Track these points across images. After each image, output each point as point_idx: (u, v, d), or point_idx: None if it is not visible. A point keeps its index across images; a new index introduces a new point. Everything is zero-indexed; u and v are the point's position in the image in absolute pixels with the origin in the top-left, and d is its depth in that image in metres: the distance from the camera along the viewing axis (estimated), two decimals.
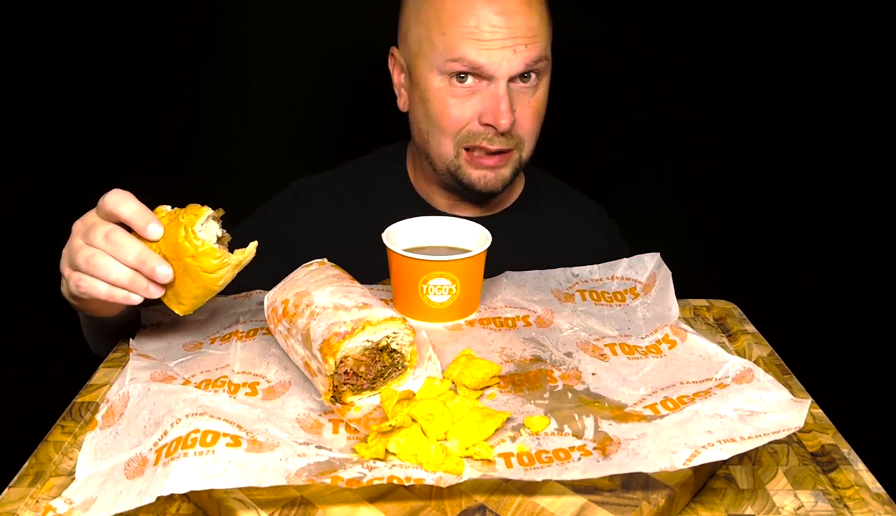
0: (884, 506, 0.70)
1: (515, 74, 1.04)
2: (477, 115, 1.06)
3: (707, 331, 1.01)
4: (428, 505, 0.63)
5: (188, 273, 0.76)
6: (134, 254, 0.75)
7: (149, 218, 0.76)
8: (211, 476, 0.60)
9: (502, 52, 1.02)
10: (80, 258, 0.76)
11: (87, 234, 0.77)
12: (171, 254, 0.76)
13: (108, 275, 0.75)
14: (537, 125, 1.10)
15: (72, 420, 0.80)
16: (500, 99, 1.03)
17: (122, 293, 0.76)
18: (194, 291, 0.78)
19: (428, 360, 0.80)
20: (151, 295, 0.77)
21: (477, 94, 1.05)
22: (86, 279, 0.76)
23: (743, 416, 0.69)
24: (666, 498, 0.64)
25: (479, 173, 1.09)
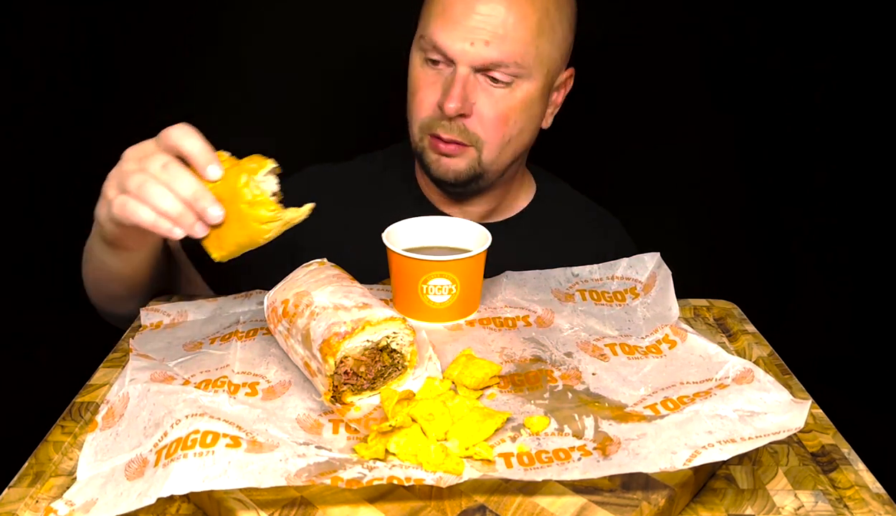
0: (884, 506, 0.70)
1: (474, 66, 1.01)
2: (436, 100, 1.04)
3: (707, 331, 1.01)
4: (428, 505, 0.63)
5: (239, 219, 0.75)
6: (189, 190, 0.73)
7: (211, 157, 0.74)
8: (211, 477, 0.60)
9: (463, 41, 1.00)
10: (131, 181, 0.74)
11: (143, 160, 0.75)
12: (226, 197, 0.75)
13: (158, 203, 0.73)
14: (502, 129, 1.05)
15: (72, 420, 0.80)
16: (453, 83, 1.01)
17: (167, 225, 0.74)
18: (239, 239, 0.76)
19: (428, 360, 0.80)
20: (195, 233, 0.75)
21: (440, 79, 1.04)
22: (132, 203, 0.74)
23: (743, 417, 0.69)
24: (666, 498, 0.64)
25: (434, 157, 1.08)
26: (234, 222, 0.75)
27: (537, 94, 1.07)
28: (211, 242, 0.77)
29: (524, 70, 1.03)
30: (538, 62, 1.04)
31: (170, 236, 0.75)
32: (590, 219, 1.25)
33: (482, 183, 1.11)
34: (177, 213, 0.73)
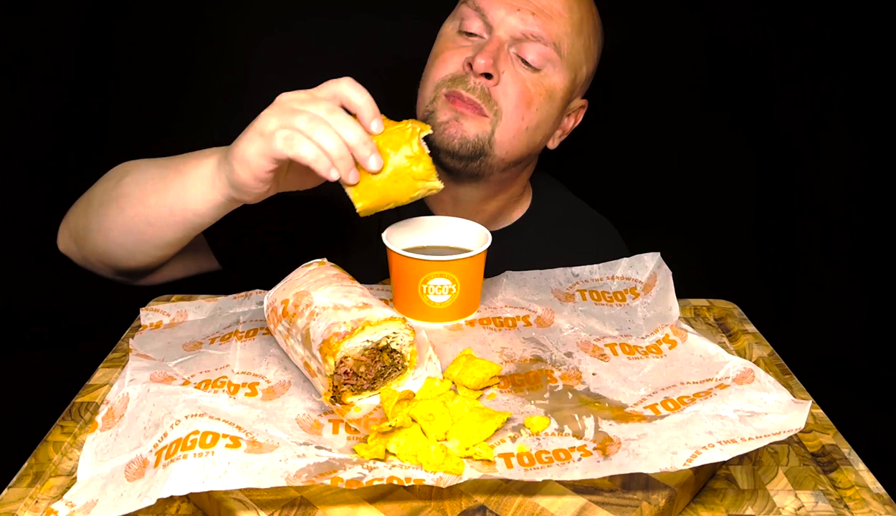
0: (884, 506, 0.70)
1: (513, 36, 1.01)
2: (462, 61, 1.02)
3: (707, 331, 1.01)
4: (428, 505, 0.63)
5: (396, 171, 0.80)
6: (355, 135, 0.77)
7: (377, 111, 0.79)
8: (211, 477, 0.60)
9: (507, 8, 1.00)
10: (299, 118, 0.77)
11: (307, 103, 0.78)
12: (388, 149, 0.80)
13: (323, 142, 0.77)
14: (523, 110, 1.02)
15: (71, 420, 0.80)
16: (493, 46, 1.00)
17: (327, 164, 0.77)
18: (388, 192, 0.81)
19: (428, 360, 0.80)
20: (349, 179, 0.79)
21: (473, 47, 1.03)
22: (299, 138, 0.76)
23: (743, 417, 0.69)
24: (666, 498, 0.64)
25: (446, 117, 1.01)
26: (389, 174, 0.80)
27: (560, 92, 1.05)
28: (358, 191, 0.81)
29: (557, 57, 1.03)
30: (570, 58, 1.04)
31: (326, 176, 0.78)
32: (585, 231, 1.22)
33: (483, 165, 1.04)
34: (339, 155, 0.77)
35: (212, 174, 0.87)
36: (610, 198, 1.36)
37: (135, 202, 0.94)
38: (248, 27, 1.61)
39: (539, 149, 1.11)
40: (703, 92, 1.68)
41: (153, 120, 1.63)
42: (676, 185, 1.71)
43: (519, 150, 1.06)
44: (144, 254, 0.98)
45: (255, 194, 0.84)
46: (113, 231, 0.97)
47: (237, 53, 1.61)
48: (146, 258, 0.99)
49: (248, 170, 0.81)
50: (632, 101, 1.68)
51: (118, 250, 0.98)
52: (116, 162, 1.06)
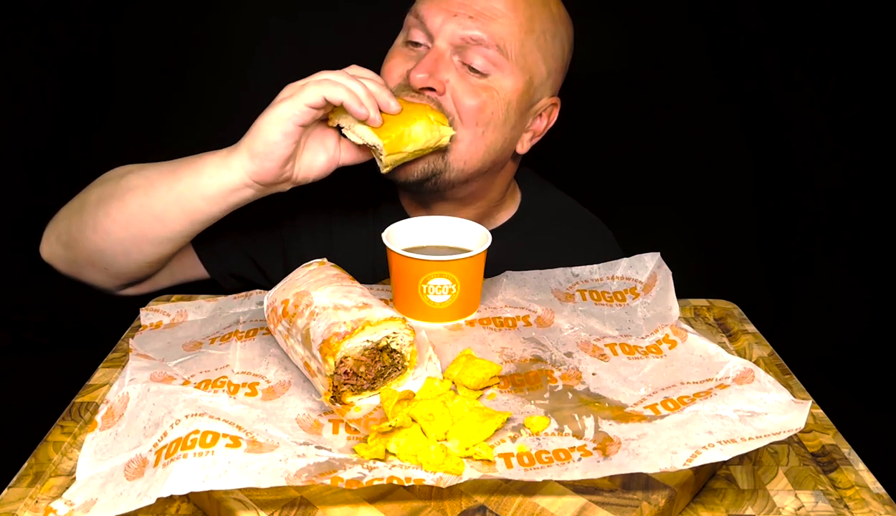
0: (884, 506, 0.70)
1: (452, 43, 0.97)
2: (404, 75, 1.00)
3: (707, 331, 1.01)
4: (428, 505, 0.63)
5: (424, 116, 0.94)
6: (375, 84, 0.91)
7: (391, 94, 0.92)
8: (211, 477, 0.60)
9: (444, 13, 0.97)
10: (326, 73, 0.89)
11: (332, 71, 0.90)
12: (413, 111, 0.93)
13: (350, 85, 0.88)
14: (476, 115, 0.97)
15: (71, 420, 0.80)
16: (432, 56, 0.97)
17: (356, 103, 0.87)
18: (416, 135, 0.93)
19: (428, 360, 0.80)
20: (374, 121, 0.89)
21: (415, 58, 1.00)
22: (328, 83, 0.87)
23: (743, 417, 0.69)
24: (666, 498, 0.64)
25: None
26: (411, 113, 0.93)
27: (515, 97, 1.00)
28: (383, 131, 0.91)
29: (504, 61, 0.97)
30: (521, 60, 0.99)
31: (357, 112, 0.88)
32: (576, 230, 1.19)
33: (440, 182, 1.01)
34: (365, 95, 0.88)
35: (226, 157, 0.92)
36: (610, 198, 1.36)
37: (141, 194, 0.95)
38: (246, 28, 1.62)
39: (505, 154, 1.05)
40: (704, 92, 1.68)
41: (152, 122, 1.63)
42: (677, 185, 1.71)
43: (478, 160, 1.01)
44: (142, 253, 0.98)
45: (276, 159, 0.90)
46: (113, 228, 0.96)
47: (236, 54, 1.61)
48: (142, 258, 0.99)
49: (277, 127, 0.88)
50: (632, 102, 1.68)
51: (116, 248, 0.98)
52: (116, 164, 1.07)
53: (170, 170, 0.96)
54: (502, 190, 1.13)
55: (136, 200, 0.95)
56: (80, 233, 0.99)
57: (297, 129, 0.89)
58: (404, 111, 0.92)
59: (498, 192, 1.13)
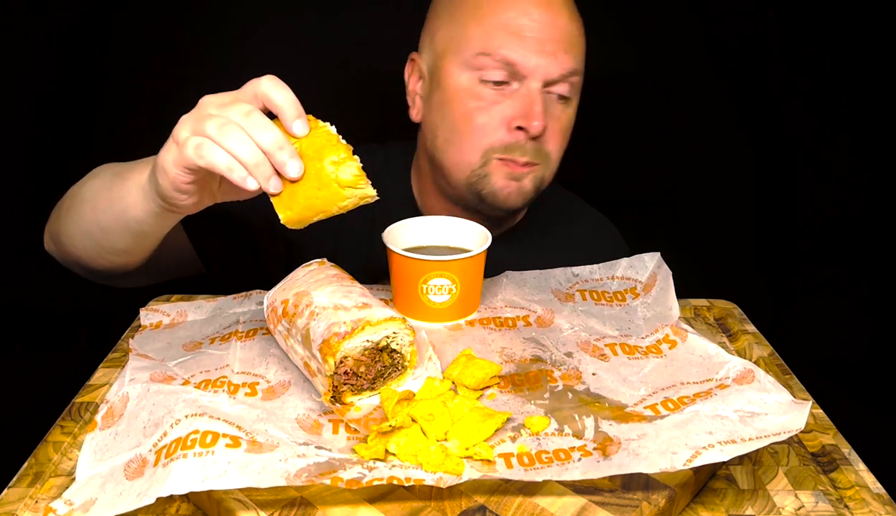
0: (884, 507, 0.70)
1: (551, 80, 0.98)
2: (506, 122, 0.99)
3: (707, 331, 1.01)
4: (428, 505, 0.63)
5: (319, 178, 0.71)
6: (272, 139, 0.69)
7: (301, 111, 0.71)
8: (210, 477, 0.60)
9: (540, 55, 0.96)
10: (211, 124, 0.70)
11: (225, 107, 0.71)
12: (309, 155, 0.71)
13: (236, 148, 0.69)
14: (563, 145, 1.04)
15: (71, 420, 0.80)
16: (535, 100, 0.97)
17: (242, 173, 0.70)
18: (313, 201, 0.72)
19: (428, 360, 0.80)
20: (270, 187, 0.71)
21: (507, 99, 0.99)
22: (209, 145, 0.69)
23: (744, 417, 0.69)
24: (666, 498, 0.64)
25: (502, 183, 1.02)
26: (313, 182, 0.71)
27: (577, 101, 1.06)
28: (282, 201, 0.73)
29: (580, 77, 1.03)
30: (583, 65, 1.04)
31: (243, 186, 0.71)
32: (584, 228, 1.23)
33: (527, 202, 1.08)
34: (255, 162, 0.70)
35: (146, 182, 0.81)
36: (610, 198, 1.36)
37: (89, 208, 0.92)
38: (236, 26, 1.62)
39: None
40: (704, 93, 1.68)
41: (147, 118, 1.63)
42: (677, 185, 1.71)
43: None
44: (104, 259, 0.96)
45: (183, 206, 0.79)
46: (76, 236, 0.95)
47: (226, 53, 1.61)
48: (107, 264, 0.97)
49: (167, 180, 0.75)
50: (632, 102, 1.68)
51: (82, 254, 0.97)
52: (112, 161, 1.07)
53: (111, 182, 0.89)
54: None
55: (87, 213, 0.92)
56: (58, 235, 1.00)
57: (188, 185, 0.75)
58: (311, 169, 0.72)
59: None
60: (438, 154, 1.06)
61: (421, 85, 1.09)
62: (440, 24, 1.05)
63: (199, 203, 0.80)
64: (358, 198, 0.74)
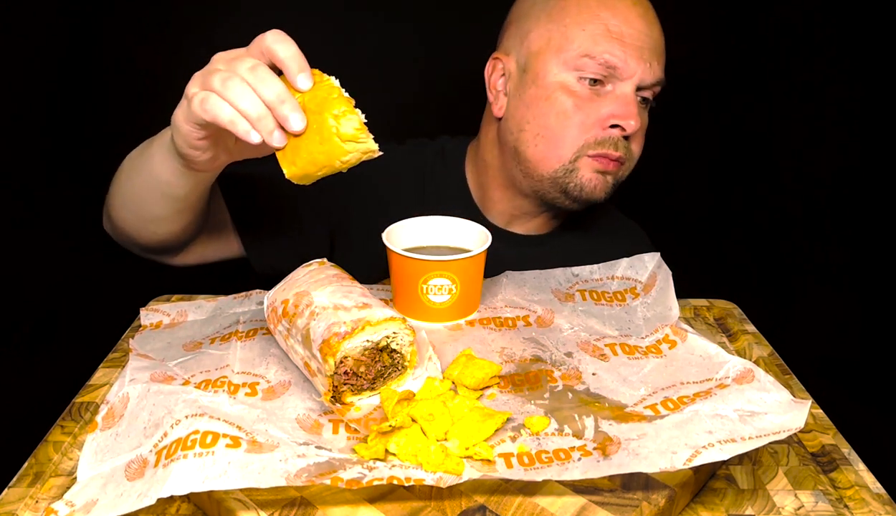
0: (884, 506, 0.70)
1: (643, 85, 1.04)
2: (601, 120, 1.04)
3: (707, 331, 1.01)
4: (428, 505, 0.63)
5: (321, 132, 0.71)
6: (274, 92, 0.70)
7: (304, 65, 0.72)
8: (211, 477, 0.60)
9: (638, 61, 1.03)
10: (216, 78, 0.71)
11: (232, 61, 0.72)
12: (313, 109, 0.71)
13: (239, 101, 0.70)
14: (642, 144, 1.10)
15: (71, 420, 0.80)
16: (631, 101, 1.03)
17: (245, 126, 0.71)
18: (316, 155, 0.72)
19: (428, 360, 0.80)
20: (273, 141, 0.72)
21: (602, 98, 1.04)
22: (213, 99, 0.71)
23: (743, 417, 0.69)
24: (666, 498, 0.64)
25: (590, 176, 1.06)
26: (314, 135, 0.71)
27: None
28: (286, 156, 0.73)
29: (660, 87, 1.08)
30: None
31: (247, 139, 0.71)
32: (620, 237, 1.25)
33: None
34: (257, 115, 0.70)
35: (169, 143, 0.83)
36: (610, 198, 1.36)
37: (125, 178, 0.94)
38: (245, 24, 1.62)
39: None
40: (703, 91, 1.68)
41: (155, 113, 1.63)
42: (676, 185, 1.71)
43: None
44: (147, 231, 0.96)
45: (200, 162, 0.80)
46: (119, 208, 0.97)
47: None
48: (151, 236, 0.97)
49: (180, 136, 0.77)
50: None
51: (128, 227, 0.98)
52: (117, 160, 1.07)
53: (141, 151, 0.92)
54: None
55: (124, 185, 0.94)
56: (109, 212, 1.01)
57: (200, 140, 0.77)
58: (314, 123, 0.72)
59: None
60: (524, 147, 1.08)
61: (504, 81, 1.12)
62: (533, 24, 1.08)
63: (214, 159, 0.81)
64: (360, 153, 0.73)
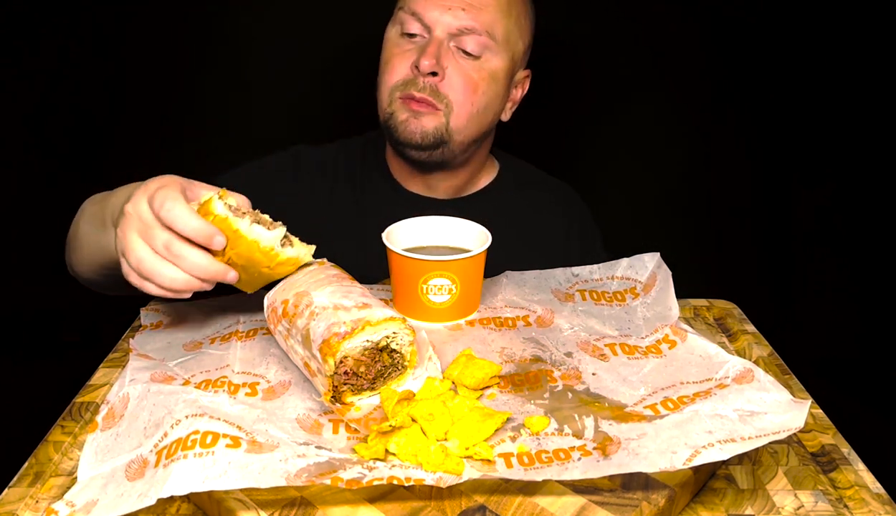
0: (884, 506, 0.70)
1: (449, 32, 1.08)
2: (409, 65, 1.10)
3: (707, 331, 1.01)
4: (428, 505, 0.63)
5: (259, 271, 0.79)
6: (200, 270, 0.73)
7: (211, 231, 0.73)
8: (211, 477, 0.60)
9: (440, 8, 1.08)
10: (133, 259, 0.73)
11: (146, 233, 0.74)
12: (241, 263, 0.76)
13: (163, 282, 0.73)
14: (471, 96, 1.11)
15: (72, 420, 0.80)
16: (429, 44, 1.09)
17: (178, 294, 0.75)
18: (256, 280, 0.81)
19: (428, 360, 0.80)
20: (206, 288, 0.76)
21: (416, 47, 1.11)
22: (139, 281, 0.75)
23: (743, 417, 0.69)
24: (666, 498, 0.64)
25: (404, 117, 1.10)
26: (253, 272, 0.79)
27: (502, 72, 1.14)
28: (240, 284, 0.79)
29: (493, 43, 1.11)
30: (505, 41, 1.12)
31: (179, 296, 0.76)
32: (551, 193, 1.30)
33: (446, 152, 1.14)
34: (184, 284, 0.74)
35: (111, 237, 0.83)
36: (610, 198, 1.36)
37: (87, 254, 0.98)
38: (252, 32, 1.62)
39: (493, 124, 1.20)
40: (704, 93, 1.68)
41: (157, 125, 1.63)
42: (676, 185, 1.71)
43: (474, 131, 1.15)
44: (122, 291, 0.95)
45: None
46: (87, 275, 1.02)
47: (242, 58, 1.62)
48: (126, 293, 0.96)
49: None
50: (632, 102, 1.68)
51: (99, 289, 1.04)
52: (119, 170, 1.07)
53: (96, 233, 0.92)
54: (484, 156, 1.26)
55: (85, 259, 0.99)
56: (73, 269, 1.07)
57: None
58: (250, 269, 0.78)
59: (480, 159, 1.25)
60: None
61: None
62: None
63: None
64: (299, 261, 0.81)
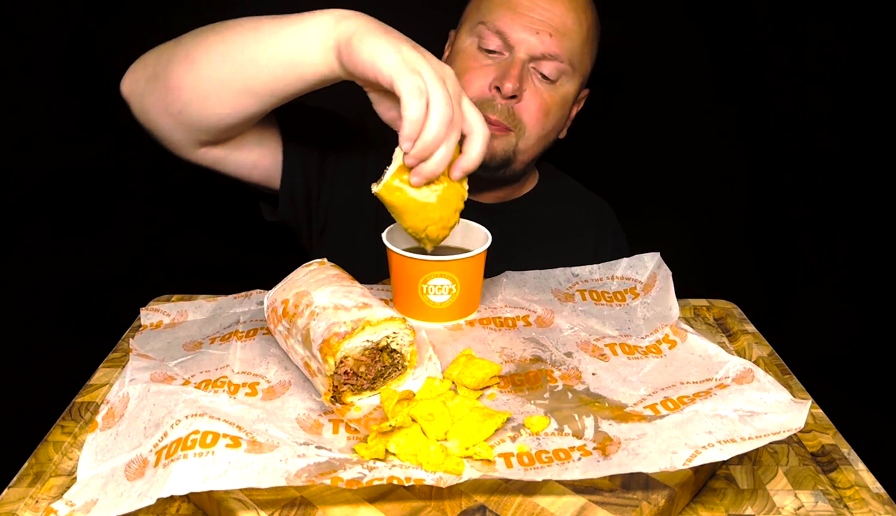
0: (884, 506, 0.70)
1: (533, 54, 1.07)
2: (488, 82, 1.09)
3: (707, 331, 1.01)
4: (428, 505, 0.63)
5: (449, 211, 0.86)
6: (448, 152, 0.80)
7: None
8: (211, 477, 0.60)
9: (528, 31, 1.07)
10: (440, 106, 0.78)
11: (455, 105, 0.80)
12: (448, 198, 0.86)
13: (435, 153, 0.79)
14: (543, 121, 1.11)
15: (72, 420, 0.80)
16: (512, 65, 1.07)
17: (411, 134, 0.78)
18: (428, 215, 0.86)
19: (428, 360, 0.80)
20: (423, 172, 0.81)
21: (495, 65, 1.09)
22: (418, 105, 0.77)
23: (743, 417, 0.69)
24: (666, 498, 0.64)
25: None
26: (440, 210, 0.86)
27: (572, 96, 1.15)
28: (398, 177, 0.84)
29: (570, 69, 1.11)
30: (581, 66, 1.13)
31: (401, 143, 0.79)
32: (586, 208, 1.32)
33: (508, 171, 1.15)
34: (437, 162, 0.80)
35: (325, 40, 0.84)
36: (610, 198, 1.36)
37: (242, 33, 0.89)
38: None
39: (553, 143, 1.21)
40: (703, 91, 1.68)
41: None
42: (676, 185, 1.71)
43: (537, 151, 1.16)
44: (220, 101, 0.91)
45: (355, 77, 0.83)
46: (202, 61, 0.91)
47: None
48: (219, 109, 0.92)
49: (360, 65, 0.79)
50: (632, 102, 1.68)
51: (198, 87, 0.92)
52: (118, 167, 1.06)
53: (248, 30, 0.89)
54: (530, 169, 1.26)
55: (236, 37, 0.89)
56: (169, 63, 0.93)
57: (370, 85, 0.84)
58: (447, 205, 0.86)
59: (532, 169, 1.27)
60: None
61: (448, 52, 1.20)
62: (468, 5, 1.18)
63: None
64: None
